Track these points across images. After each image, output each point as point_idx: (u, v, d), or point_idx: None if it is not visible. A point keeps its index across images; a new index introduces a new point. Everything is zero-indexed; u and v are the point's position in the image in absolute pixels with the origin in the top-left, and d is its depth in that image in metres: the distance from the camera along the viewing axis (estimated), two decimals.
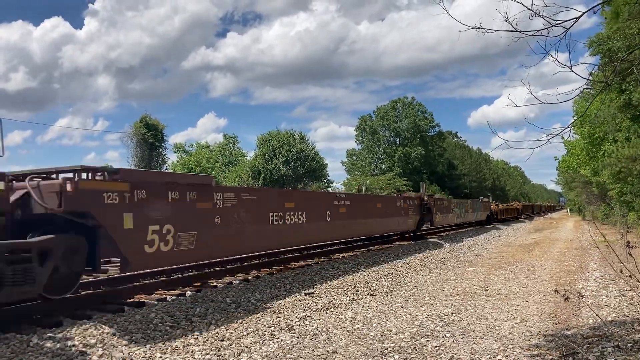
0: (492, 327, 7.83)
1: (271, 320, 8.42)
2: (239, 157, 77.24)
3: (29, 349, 6.39)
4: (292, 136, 61.56)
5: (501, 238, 28.64)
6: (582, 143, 36.89)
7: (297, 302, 9.81)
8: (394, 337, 7.42)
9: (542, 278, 12.64)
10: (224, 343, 7.10)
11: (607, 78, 7.34)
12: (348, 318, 8.68)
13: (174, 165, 58.37)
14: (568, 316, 8.39)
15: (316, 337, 7.51)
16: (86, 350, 6.50)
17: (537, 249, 20.47)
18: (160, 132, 49.80)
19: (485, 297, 10.42)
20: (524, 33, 5.95)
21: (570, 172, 47.19)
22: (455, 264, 16.44)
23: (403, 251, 19.10)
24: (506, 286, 11.64)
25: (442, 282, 12.61)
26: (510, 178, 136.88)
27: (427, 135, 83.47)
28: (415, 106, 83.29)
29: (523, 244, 23.56)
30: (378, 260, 16.31)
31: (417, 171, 77.66)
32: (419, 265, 15.65)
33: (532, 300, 9.93)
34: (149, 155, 48.43)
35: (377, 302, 10.03)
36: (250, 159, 65.40)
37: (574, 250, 19.54)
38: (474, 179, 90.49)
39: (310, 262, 15.04)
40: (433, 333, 7.56)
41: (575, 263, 15.35)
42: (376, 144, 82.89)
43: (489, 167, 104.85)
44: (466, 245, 23.36)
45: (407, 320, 8.43)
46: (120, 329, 7.35)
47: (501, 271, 14.13)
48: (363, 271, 14.04)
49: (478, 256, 18.71)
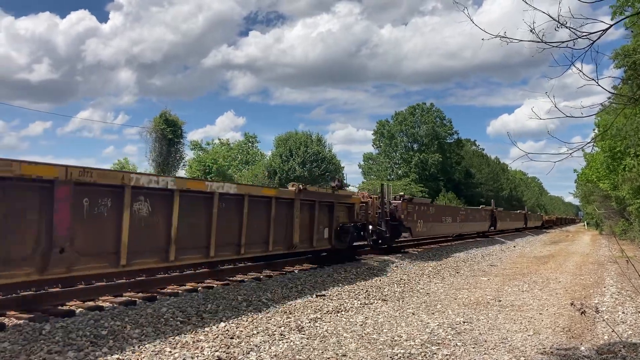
0: (504, 338, 7.73)
1: (281, 320, 8.41)
2: (257, 157, 77.40)
3: (40, 337, 6.44)
4: (309, 137, 61.57)
5: (516, 249, 28.37)
6: (602, 156, 36.35)
7: (308, 304, 9.79)
8: (405, 343, 7.36)
9: (556, 291, 12.47)
10: (233, 341, 7.10)
11: (632, 92, 7.23)
12: (359, 322, 8.64)
13: (190, 162, 58.63)
14: (582, 331, 8.26)
15: (326, 339, 7.47)
16: (97, 342, 6.53)
17: (552, 262, 20.22)
18: (180, 128, 50.05)
19: (498, 307, 10.30)
20: (548, 44, 5.85)
21: (589, 185, 46.55)
22: (469, 273, 16.31)
23: (417, 258, 18.98)
24: (520, 297, 11.50)
25: (455, 290, 12.51)
26: (528, 189, 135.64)
27: (445, 142, 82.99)
28: (434, 112, 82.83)
29: (538, 256, 23.29)
30: (391, 266, 16.23)
31: (434, 178, 77.24)
32: (432, 273, 15.55)
33: (545, 312, 9.80)
34: (167, 151, 48.73)
35: (388, 308, 9.98)
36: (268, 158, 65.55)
37: (590, 264, 19.28)
38: (490, 188, 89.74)
39: (323, 265, 15.00)
40: (444, 341, 7.49)
41: (591, 277, 15.14)
42: (393, 148, 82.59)
43: (507, 176, 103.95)
44: (480, 254, 23.17)
45: (418, 327, 8.37)
46: (132, 322, 7.39)
47: (515, 282, 13.98)
48: (375, 276, 13.99)
49: (492, 266, 18.54)
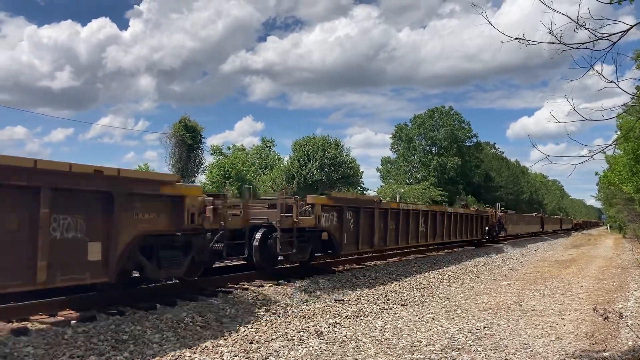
0: (526, 344, 7.64)
1: (300, 325, 8.41)
2: (275, 161, 77.63)
3: (63, 341, 6.52)
4: (327, 142, 61.51)
5: (537, 253, 28.04)
6: (624, 159, 35.77)
7: (327, 309, 9.78)
8: (424, 348, 7.31)
9: (578, 296, 12.30)
10: (252, 346, 7.11)
11: None
12: (378, 327, 8.60)
13: (210, 167, 58.99)
14: (606, 336, 8.13)
15: (345, 344, 7.46)
16: (118, 346, 6.60)
17: (574, 266, 19.95)
18: (199, 133, 50.40)
19: (519, 312, 10.19)
20: (568, 45, 5.77)
21: (612, 188, 45.83)
22: (489, 277, 16.16)
23: (436, 262, 18.87)
24: (541, 302, 11.37)
25: (475, 295, 12.40)
26: (549, 192, 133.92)
27: (464, 145, 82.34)
28: (453, 115, 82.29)
29: (559, 260, 23.00)
30: (410, 270, 16.15)
31: (453, 181, 76.64)
32: (451, 277, 15.43)
33: (568, 318, 9.67)
34: (186, 156, 49.10)
35: (407, 313, 9.92)
36: (286, 163, 65.67)
37: (613, 268, 18.97)
38: (510, 191, 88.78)
39: (342, 269, 14.98)
40: (464, 347, 7.42)
41: (615, 282, 14.90)
42: (412, 152, 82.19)
43: (527, 179, 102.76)
44: (501, 259, 22.94)
45: (438, 332, 8.31)
46: (152, 326, 7.45)
47: (536, 287, 13.81)
48: (394, 280, 13.93)
49: (513, 270, 18.35)
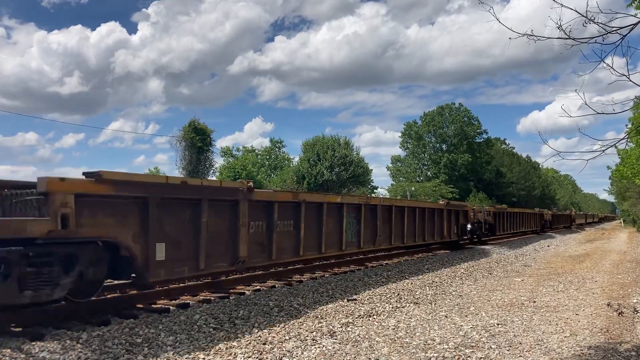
0: (540, 340, 7.60)
1: (313, 325, 8.42)
2: (285, 162, 77.76)
3: (77, 345, 6.58)
4: (337, 141, 61.54)
5: (550, 248, 27.85)
6: (637, 152, 35.45)
7: (340, 308, 9.78)
8: (438, 346, 7.29)
9: (593, 291, 12.21)
10: (266, 347, 7.13)
11: None
12: (391, 326, 8.59)
13: (221, 169, 59.22)
14: (621, 332, 8.07)
15: (358, 344, 7.45)
16: (132, 349, 6.64)
17: (588, 261, 19.79)
18: (208, 136, 50.67)
19: (533, 308, 10.13)
20: (577, 40, 5.73)
21: (625, 182, 45.45)
22: (502, 273, 16.07)
23: (448, 259, 18.81)
24: (555, 298, 11.29)
25: (488, 292, 12.34)
26: (561, 187, 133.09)
27: (474, 141, 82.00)
28: (462, 112, 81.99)
29: (573, 255, 22.83)
30: (422, 268, 16.11)
31: (464, 178, 76.41)
32: (464, 275, 15.37)
33: (582, 313, 9.60)
34: (196, 159, 49.36)
35: (420, 311, 9.90)
36: (296, 163, 65.74)
37: (627, 262, 18.81)
38: (522, 187, 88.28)
39: (353, 268, 14.99)
40: (478, 344, 7.39)
41: (629, 276, 14.77)
42: (421, 150, 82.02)
43: (538, 175, 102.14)
44: (513, 255, 22.82)
45: (452, 330, 8.28)
46: (166, 329, 7.49)
47: (550, 282, 13.72)
48: (406, 279, 13.90)
49: (526, 266, 18.24)
